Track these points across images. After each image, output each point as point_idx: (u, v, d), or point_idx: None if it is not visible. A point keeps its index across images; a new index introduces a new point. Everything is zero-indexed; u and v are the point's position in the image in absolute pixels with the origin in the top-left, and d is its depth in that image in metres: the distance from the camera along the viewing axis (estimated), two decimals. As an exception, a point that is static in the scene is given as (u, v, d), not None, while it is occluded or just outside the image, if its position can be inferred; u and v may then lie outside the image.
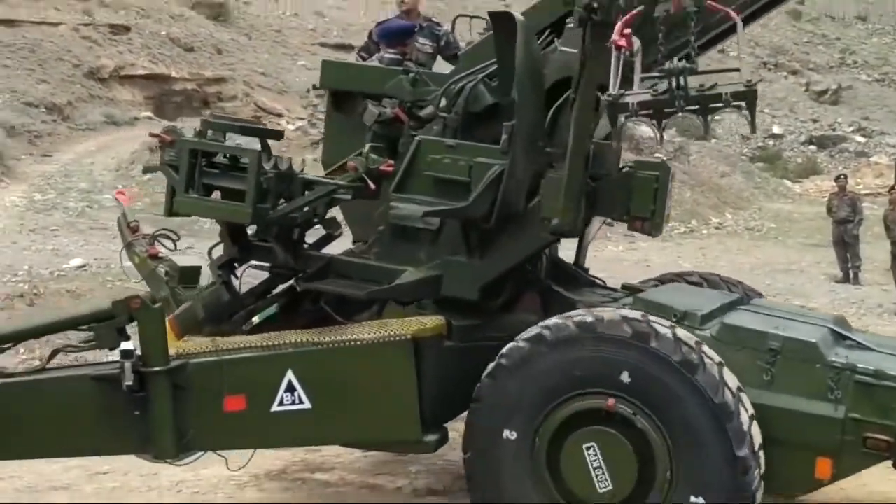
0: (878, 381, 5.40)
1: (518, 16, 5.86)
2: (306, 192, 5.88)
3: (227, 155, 5.92)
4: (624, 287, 6.86)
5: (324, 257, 6.24)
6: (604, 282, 6.94)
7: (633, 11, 5.21)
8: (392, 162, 6.00)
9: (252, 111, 33.54)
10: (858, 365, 5.45)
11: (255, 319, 6.25)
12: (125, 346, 5.43)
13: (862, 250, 20.16)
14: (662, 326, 5.31)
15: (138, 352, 5.49)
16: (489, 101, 6.15)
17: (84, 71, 33.87)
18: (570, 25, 5.91)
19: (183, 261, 6.35)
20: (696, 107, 5.07)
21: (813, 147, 36.55)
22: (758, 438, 5.20)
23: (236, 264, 6.39)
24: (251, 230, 6.20)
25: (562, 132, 5.86)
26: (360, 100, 6.72)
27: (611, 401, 5.22)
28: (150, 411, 5.44)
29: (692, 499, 5.15)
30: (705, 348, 5.29)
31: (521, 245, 6.04)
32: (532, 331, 5.44)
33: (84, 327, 5.71)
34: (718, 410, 5.11)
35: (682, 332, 5.33)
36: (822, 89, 42.54)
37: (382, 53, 8.29)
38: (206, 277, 6.49)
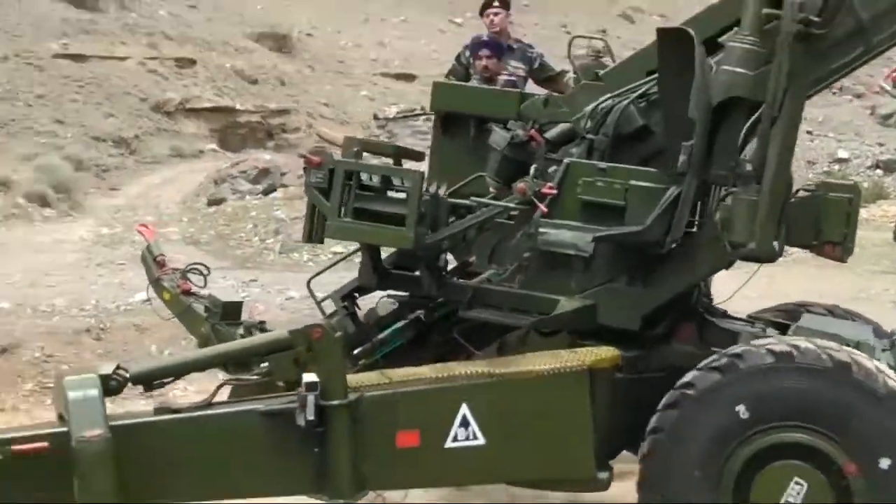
0: None
1: (692, 32, 5.59)
2: (451, 217, 5.80)
3: (373, 177, 5.83)
4: (750, 317, 6.66)
5: (468, 286, 6.07)
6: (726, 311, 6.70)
7: None
8: (552, 184, 5.83)
9: (315, 142, 33.74)
10: None
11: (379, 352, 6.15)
12: (308, 377, 5.12)
13: (931, 277, 19.81)
14: (874, 366, 5.08)
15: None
16: (639, 123, 5.98)
17: (150, 104, 34.33)
18: (733, 44, 5.58)
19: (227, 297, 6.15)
20: None
21: (879, 171, 35.79)
22: None
23: (357, 294, 6.32)
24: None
25: (738, 153, 5.60)
26: (470, 123, 6.68)
27: (853, 467, 4.95)
28: (329, 448, 5.19)
29: None
30: None
31: (690, 271, 5.85)
32: (720, 359, 5.23)
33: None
34: None
35: (891, 372, 5.10)
36: (887, 112, 41.85)
37: (500, 73, 8.16)
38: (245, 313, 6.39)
